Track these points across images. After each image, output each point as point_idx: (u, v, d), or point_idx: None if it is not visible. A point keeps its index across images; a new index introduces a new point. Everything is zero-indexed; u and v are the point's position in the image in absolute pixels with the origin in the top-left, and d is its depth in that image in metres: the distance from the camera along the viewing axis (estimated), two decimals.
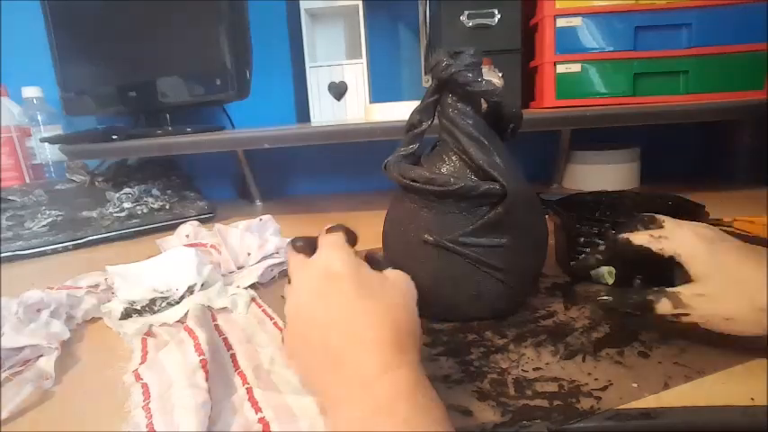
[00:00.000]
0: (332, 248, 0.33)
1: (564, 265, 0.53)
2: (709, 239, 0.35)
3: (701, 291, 0.33)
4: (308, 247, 0.35)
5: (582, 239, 0.49)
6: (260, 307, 0.50)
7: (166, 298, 0.50)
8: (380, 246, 0.46)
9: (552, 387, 0.33)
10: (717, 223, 0.64)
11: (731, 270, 0.33)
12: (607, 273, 0.48)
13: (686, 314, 0.33)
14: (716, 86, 0.83)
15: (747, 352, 0.35)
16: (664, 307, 0.34)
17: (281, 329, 0.44)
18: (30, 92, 1.03)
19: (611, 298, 0.37)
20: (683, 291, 0.34)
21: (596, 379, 0.33)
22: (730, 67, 0.83)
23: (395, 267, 0.34)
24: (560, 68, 0.88)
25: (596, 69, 0.87)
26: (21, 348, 0.42)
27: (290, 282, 0.35)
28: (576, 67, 0.87)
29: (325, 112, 1.03)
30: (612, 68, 0.86)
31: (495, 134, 0.42)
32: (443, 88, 0.42)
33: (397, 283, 0.32)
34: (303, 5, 0.98)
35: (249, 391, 0.34)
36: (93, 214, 0.85)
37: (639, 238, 0.37)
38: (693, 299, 0.33)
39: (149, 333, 0.45)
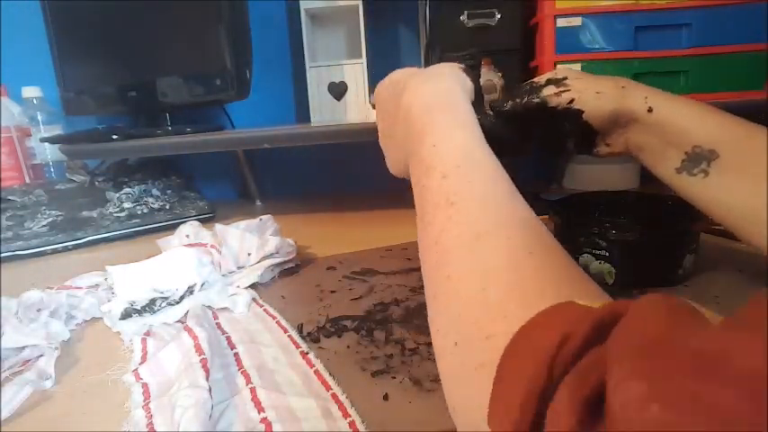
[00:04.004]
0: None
1: None
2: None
3: (579, 76, 0.40)
4: None
5: (582, 239, 0.49)
6: (261, 307, 0.50)
7: (166, 298, 0.50)
8: (382, 246, 0.46)
9: None
10: (717, 223, 0.64)
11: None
12: (607, 273, 0.48)
13: (567, 90, 0.39)
14: (716, 86, 0.83)
15: None
16: (549, 89, 0.40)
17: (284, 329, 0.44)
18: (30, 92, 1.03)
19: (507, 102, 0.43)
20: (565, 74, 0.41)
21: None
22: (730, 67, 0.83)
23: None
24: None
25: (596, 69, 0.86)
26: (21, 348, 0.42)
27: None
28: (576, 68, 0.87)
29: (325, 112, 1.03)
30: (612, 68, 0.86)
31: None
32: None
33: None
34: (303, 5, 0.98)
35: (252, 390, 0.34)
36: (93, 214, 0.85)
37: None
38: (573, 80, 0.40)
39: (149, 333, 0.45)
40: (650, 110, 0.37)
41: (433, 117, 0.31)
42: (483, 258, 0.22)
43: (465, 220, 0.24)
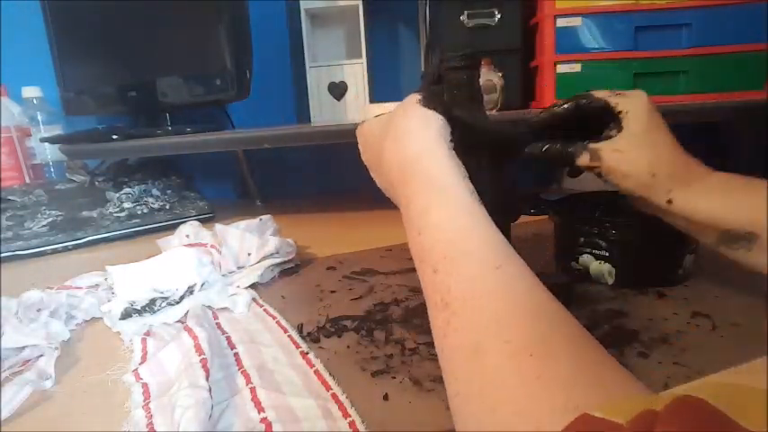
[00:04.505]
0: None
1: (564, 265, 0.53)
2: (655, 110, 0.39)
3: (616, 147, 0.38)
4: None
5: (582, 239, 0.49)
6: (261, 306, 0.50)
7: (166, 298, 0.50)
8: (382, 246, 0.46)
9: None
10: None
11: (650, 138, 0.38)
12: (607, 273, 0.48)
13: (598, 166, 0.39)
14: (716, 86, 0.83)
15: (747, 352, 0.35)
16: (583, 159, 0.40)
17: (284, 329, 0.44)
18: (30, 92, 1.03)
19: (544, 147, 0.42)
20: (602, 147, 0.39)
21: None
22: (730, 67, 0.83)
23: None
24: (560, 68, 0.88)
25: (596, 69, 0.86)
26: (21, 348, 0.42)
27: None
28: (576, 67, 0.87)
29: (325, 112, 1.03)
30: (612, 68, 0.86)
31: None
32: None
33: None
34: (303, 5, 0.98)
35: (252, 390, 0.34)
36: (93, 214, 0.85)
37: (601, 93, 0.41)
38: (608, 153, 0.38)
39: (149, 333, 0.45)
40: (670, 201, 0.38)
41: (411, 197, 0.30)
42: (486, 374, 0.21)
43: (462, 327, 0.23)
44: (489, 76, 0.88)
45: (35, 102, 1.04)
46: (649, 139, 0.38)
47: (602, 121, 0.41)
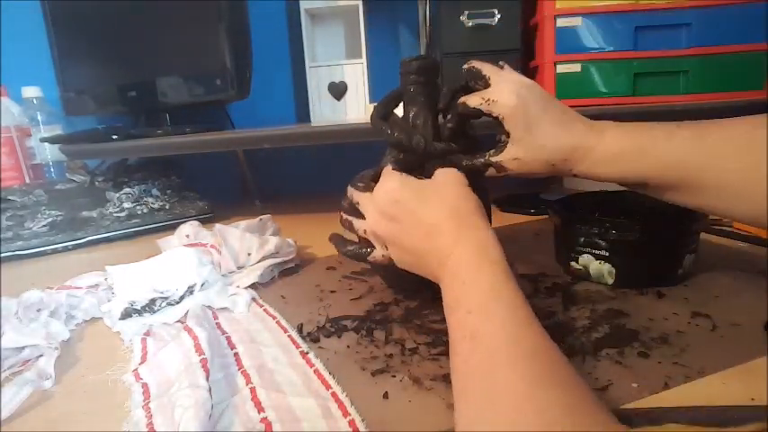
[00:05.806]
0: (386, 179, 0.41)
1: (564, 265, 0.53)
2: (528, 102, 0.43)
3: (513, 156, 0.43)
4: (368, 186, 0.43)
5: (582, 239, 0.49)
6: (261, 307, 0.50)
7: (166, 298, 0.50)
8: None
9: None
10: (717, 223, 0.64)
11: (536, 138, 0.42)
12: (607, 273, 0.48)
13: (506, 174, 0.44)
14: (716, 86, 0.83)
15: (747, 352, 0.35)
16: (491, 173, 0.45)
17: (284, 329, 0.44)
18: (30, 92, 1.03)
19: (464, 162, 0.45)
20: (502, 159, 0.43)
21: (596, 379, 0.33)
22: (730, 67, 0.83)
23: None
24: (560, 68, 0.88)
25: (596, 69, 0.86)
26: (21, 348, 0.42)
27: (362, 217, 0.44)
28: (576, 67, 0.87)
29: (325, 112, 1.03)
30: (612, 68, 0.86)
31: None
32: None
33: (446, 178, 0.40)
34: (303, 5, 0.98)
35: (252, 390, 0.34)
36: (93, 214, 0.85)
37: (473, 100, 0.44)
38: (509, 163, 0.43)
39: (149, 333, 0.45)
40: (575, 175, 0.43)
41: (470, 262, 0.34)
42: (496, 393, 0.25)
43: (484, 354, 0.28)
44: None
45: (35, 102, 1.04)
46: (536, 139, 0.42)
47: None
